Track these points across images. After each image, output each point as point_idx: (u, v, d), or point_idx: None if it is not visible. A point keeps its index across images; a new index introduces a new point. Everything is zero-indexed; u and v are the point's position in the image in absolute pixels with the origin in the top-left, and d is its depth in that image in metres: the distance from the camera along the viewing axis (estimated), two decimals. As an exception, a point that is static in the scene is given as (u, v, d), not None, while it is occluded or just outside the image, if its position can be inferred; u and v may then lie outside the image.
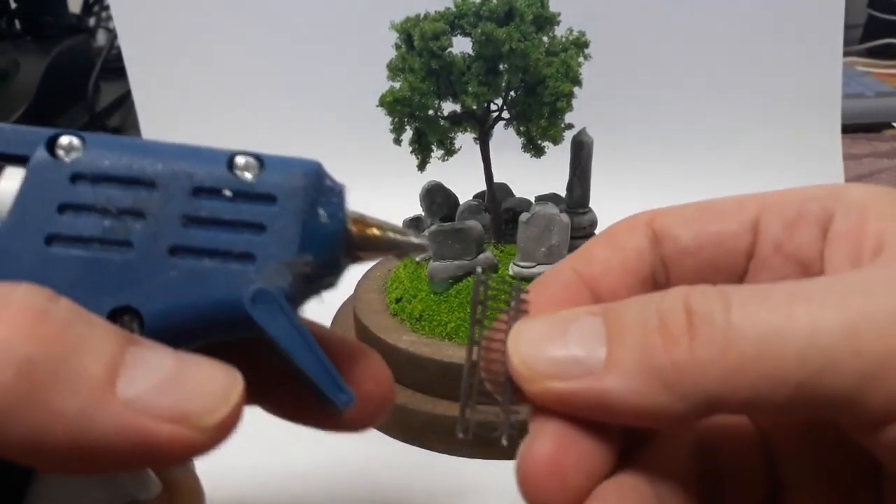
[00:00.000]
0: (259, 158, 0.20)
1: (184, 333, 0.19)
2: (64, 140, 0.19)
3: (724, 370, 0.18)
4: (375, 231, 0.21)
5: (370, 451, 0.41)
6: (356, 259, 0.21)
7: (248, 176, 0.20)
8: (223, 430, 0.18)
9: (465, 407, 0.21)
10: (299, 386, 0.20)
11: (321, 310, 0.22)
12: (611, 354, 0.19)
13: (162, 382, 0.17)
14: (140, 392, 0.17)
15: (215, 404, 0.17)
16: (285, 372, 0.20)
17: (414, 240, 0.22)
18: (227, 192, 0.19)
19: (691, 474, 0.22)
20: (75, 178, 0.19)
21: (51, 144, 0.19)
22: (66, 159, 0.19)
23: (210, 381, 0.18)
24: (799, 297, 0.18)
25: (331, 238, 0.20)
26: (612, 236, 0.24)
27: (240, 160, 0.20)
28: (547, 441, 0.20)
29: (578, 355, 0.19)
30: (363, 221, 0.21)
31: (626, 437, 0.21)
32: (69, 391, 0.16)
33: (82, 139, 0.19)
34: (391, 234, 0.22)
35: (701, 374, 0.18)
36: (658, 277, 0.24)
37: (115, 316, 0.19)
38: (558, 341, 0.20)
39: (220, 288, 0.19)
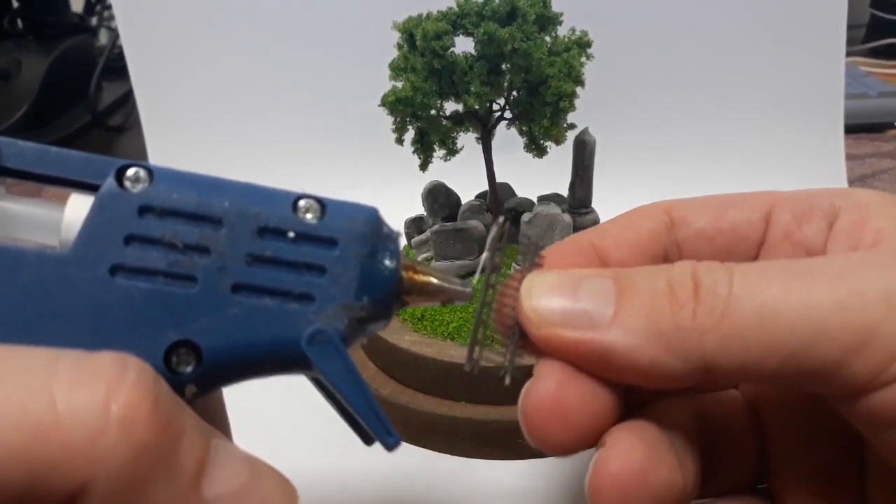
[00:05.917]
0: (321, 202, 0.20)
1: (239, 369, 0.20)
2: (131, 171, 0.19)
3: (722, 336, 0.19)
4: (425, 278, 0.22)
5: (371, 450, 0.41)
6: (404, 304, 0.22)
7: (310, 218, 0.20)
8: None
9: (473, 345, 0.22)
10: None
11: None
12: (618, 312, 0.20)
13: (238, 490, 0.18)
14: (219, 495, 0.17)
15: None
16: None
17: (460, 287, 0.23)
18: (291, 234, 0.20)
19: (692, 435, 0.23)
20: (143, 210, 0.19)
21: (119, 175, 0.19)
22: (134, 190, 0.19)
23: (277, 498, 0.19)
24: (797, 273, 0.19)
25: (386, 283, 0.21)
26: (628, 217, 0.26)
27: (302, 203, 0.20)
28: (550, 380, 0.21)
29: (587, 308, 0.20)
30: (413, 268, 0.22)
31: (627, 396, 0.22)
32: (166, 483, 0.16)
33: (149, 171, 0.19)
34: (439, 282, 0.22)
35: (701, 339, 0.19)
36: (671, 258, 0.25)
37: (174, 349, 0.19)
38: (569, 294, 0.21)
39: (278, 327, 0.19)
